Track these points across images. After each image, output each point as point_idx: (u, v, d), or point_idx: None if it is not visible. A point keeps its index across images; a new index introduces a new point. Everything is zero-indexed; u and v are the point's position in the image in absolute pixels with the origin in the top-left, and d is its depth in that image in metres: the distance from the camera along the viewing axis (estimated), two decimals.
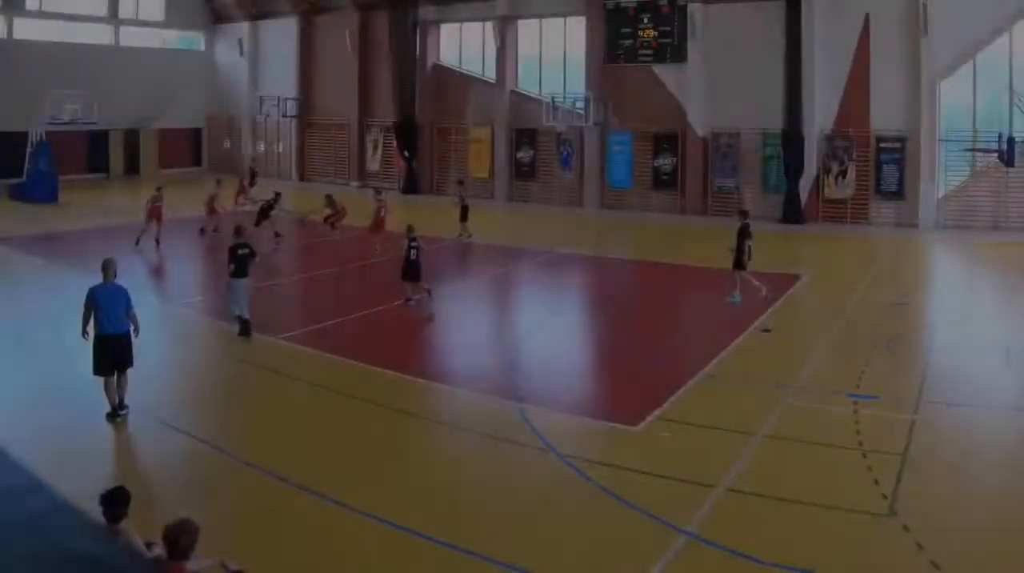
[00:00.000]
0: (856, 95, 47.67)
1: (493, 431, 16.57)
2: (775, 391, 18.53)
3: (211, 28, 72.93)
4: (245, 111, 69.53)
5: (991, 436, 16.56)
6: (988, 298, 30.10)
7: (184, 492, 13.68)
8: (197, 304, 27.39)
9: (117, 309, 16.99)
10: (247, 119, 69.57)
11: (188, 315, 26.19)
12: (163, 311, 25.87)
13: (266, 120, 67.54)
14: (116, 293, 17.16)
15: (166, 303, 26.67)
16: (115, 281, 17.28)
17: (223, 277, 23.50)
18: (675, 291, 29.96)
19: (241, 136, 70.30)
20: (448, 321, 26.24)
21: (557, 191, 56.08)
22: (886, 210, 47.66)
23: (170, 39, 71.71)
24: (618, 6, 53.20)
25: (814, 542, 12.13)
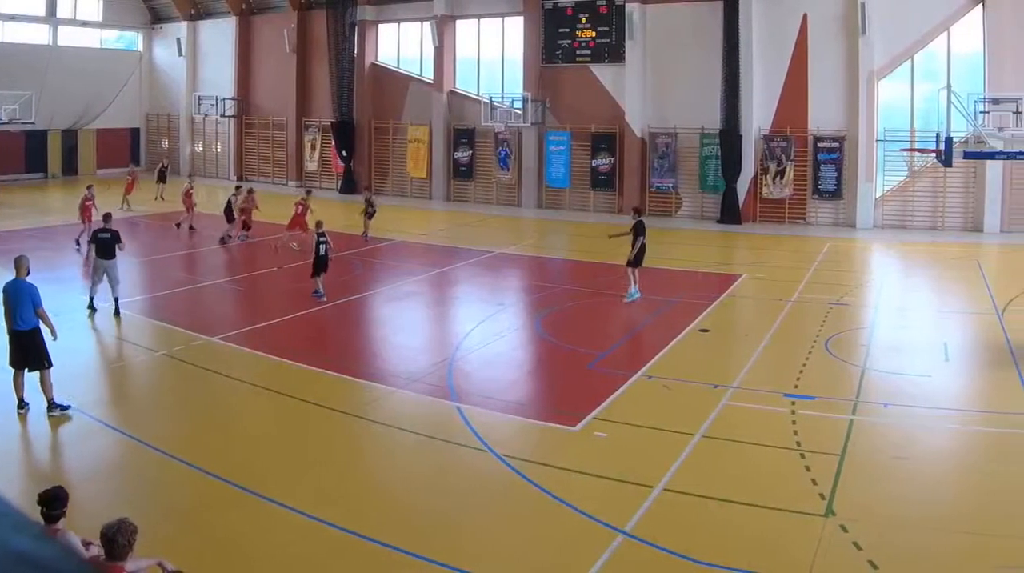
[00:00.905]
0: (794, 95, 46.10)
1: (431, 431, 16.16)
2: (713, 391, 18.10)
3: (149, 28, 70.78)
4: (183, 111, 67.25)
5: (929, 436, 16.27)
6: (926, 298, 29.29)
7: (121, 491, 13.39)
8: (133, 304, 26.06)
9: (25, 306, 16.44)
10: (185, 119, 67.34)
11: (126, 315, 24.85)
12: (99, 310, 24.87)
13: (204, 120, 65.67)
14: (23, 290, 16.61)
15: (100, 302, 25.08)
16: (26, 278, 16.84)
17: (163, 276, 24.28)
18: (613, 291, 28.29)
19: (179, 136, 68.21)
20: (386, 321, 25.83)
21: (495, 191, 54.51)
22: (824, 210, 46.18)
23: (108, 39, 69.01)
24: (556, 6, 51.43)
25: (752, 542, 11.82)
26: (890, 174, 45.27)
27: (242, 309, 27.25)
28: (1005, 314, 25.08)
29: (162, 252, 36.13)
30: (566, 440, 15.71)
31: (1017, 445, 15.43)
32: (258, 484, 13.44)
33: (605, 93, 50.56)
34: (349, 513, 12.56)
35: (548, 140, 51.82)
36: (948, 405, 17.76)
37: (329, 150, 59.62)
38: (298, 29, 60.67)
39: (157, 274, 31.63)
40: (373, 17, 58.00)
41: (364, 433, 16.38)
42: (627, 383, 18.68)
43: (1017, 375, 19.23)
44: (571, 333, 23.85)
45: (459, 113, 55.26)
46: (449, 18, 55.05)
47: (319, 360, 20.39)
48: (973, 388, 19.49)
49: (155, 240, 38.43)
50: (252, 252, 35.86)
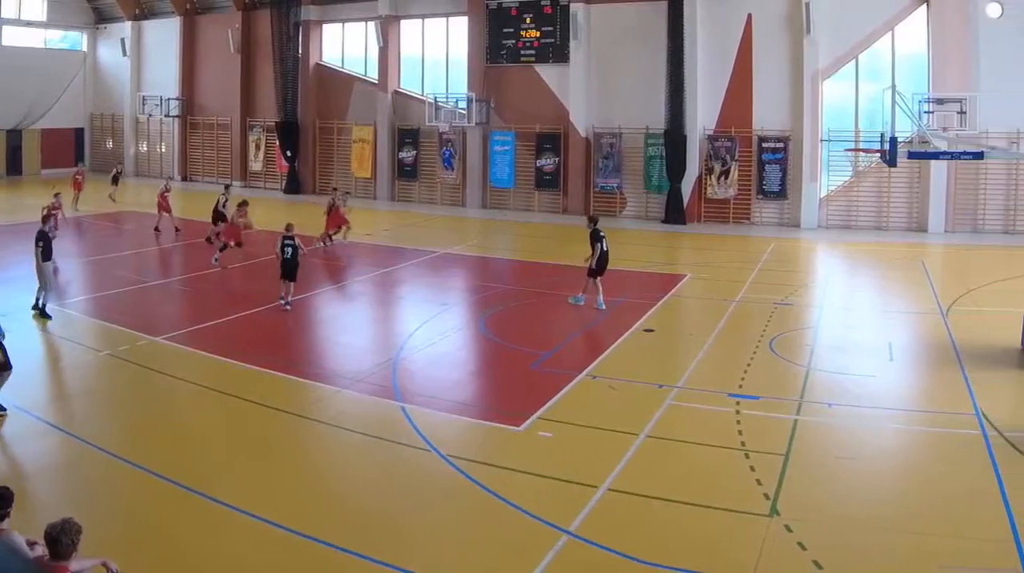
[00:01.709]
0: (739, 95, 44.39)
1: (376, 431, 15.67)
2: (658, 391, 17.63)
3: (94, 28, 67.74)
4: (128, 111, 64.67)
5: (873, 435, 15.78)
6: (870, 298, 28.32)
7: (65, 491, 12.99)
8: (78, 304, 25.33)
9: None
10: (129, 119, 64.76)
11: (71, 316, 24.09)
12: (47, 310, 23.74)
13: (148, 120, 63.13)
14: None
15: (49, 303, 23.94)
16: None
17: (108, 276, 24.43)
18: (558, 291, 27.40)
19: (124, 136, 65.67)
20: (331, 321, 25.17)
21: (439, 191, 52.64)
22: (768, 210, 44.55)
23: (52, 39, 66.41)
24: (500, 6, 49.75)
25: (696, 542, 11.53)
26: (835, 174, 43.78)
27: (187, 309, 26.07)
28: (949, 314, 24.45)
29: (107, 252, 34.55)
30: (511, 440, 15.25)
31: (961, 445, 14.97)
32: (203, 484, 13.02)
33: (550, 93, 48.75)
34: (293, 513, 12.16)
35: (493, 140, 50.20)
36: (893, 405, 17.29)
37: (274, 150, 57.57)
38: (242, 29, 58.42)
39: (102, 274, 30.10)
40: (317, 17, 55.93)
41: (309, 433, 15.81)
42: (572, 383, 18.17)
43: (961, 375, 18.75)
44: (516, 333, 23.08)
45: (403, 113, 53.48)
46: (393, 18, 53.30)
47: (264, 360, 19.63)
48: (918, 388, 19.03)
49: (101, 240, 36.69)
50: (199, 252, 33.92)
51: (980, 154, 24.70)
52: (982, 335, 21.97)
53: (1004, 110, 38.60)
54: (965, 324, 23.10)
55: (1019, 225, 39.54)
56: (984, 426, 15.58)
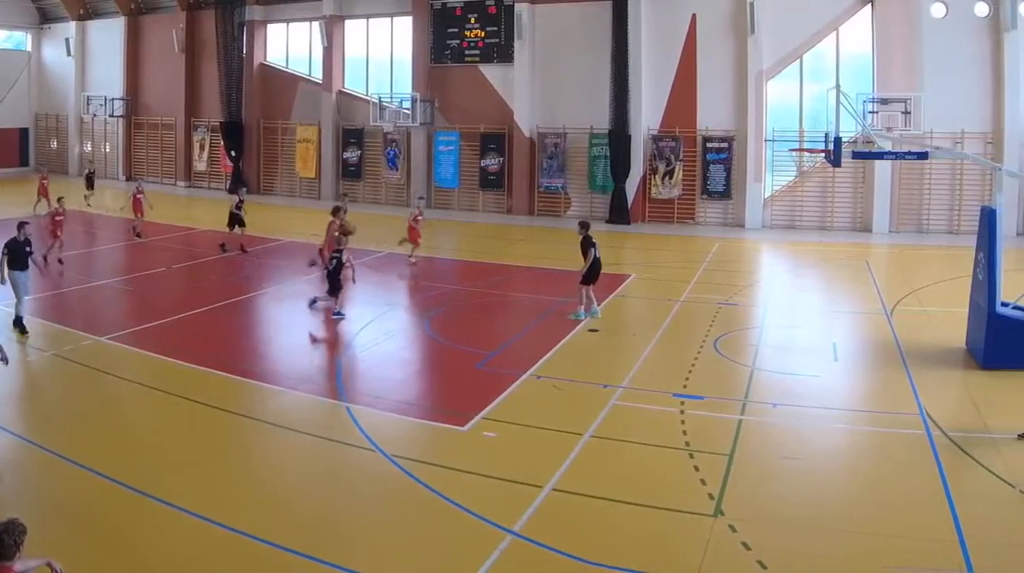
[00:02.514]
0: (683, 95, 42.46)
1: (320, 431, 15.11)
2: (602, 391, 17.07)
3: (38, 28, 64.20)
4: (72, 111, 61.29)
5: (817, 436, 15.32)
6: (815, 298, 27.37)
7: (9, 492, 12.46)
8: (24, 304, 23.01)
9: None
10: (74, 119, 61.38)
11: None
12: None
13: (93, 120, 59.81)
14: None
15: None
16: None
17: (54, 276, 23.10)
18: (502, 291, 26.90)
19: (68, 136, 62.13)
20: (275, 322, 24.16)
21: (384, 191, 50.32)
22: (713, 210, 42.64)
23: None
24: (445, 6, 47.65)
25: (641, 542, 11.13)
26: (779, 174, 42.04)
27: (132, 309, 24.80)
28: (894, 314, 23.77)
29: None
30: (455, 440, 14.76)
31: (906, 445, 14.51)
32: (147, 484, 12.48)
33: (494, 93, 46.62)
34: (238, 513, 11.68)
35: (437, 140, 48.00)
36: (837, 405, 16.83)
37: (218, 150, 54.61)
38: (187, 29, 55.69)
39: (49, 274, 28.23)
40: (262, 17, 53.31)
41: (253, 433, 15.24)
42: (516, 383, 17.59)
43: (906, 375, 18.25)
44: (460, 333, 22.38)
45: (348, 113, 51.06)
46: (338, 18, 50.99)
47: (208, 360, 18.86)
48: (862, 388, 18.56)
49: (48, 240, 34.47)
50: (144, 252, 32.56)
51: (924, 154, 23.45)
52: (926, 335, 21.36)
53: (948, 110, 37.28)
54: (909, 324, 22.45)
55: (963, 225, 37.72)
56: (928, 426, 15.12)
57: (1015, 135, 37.31)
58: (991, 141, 37.87)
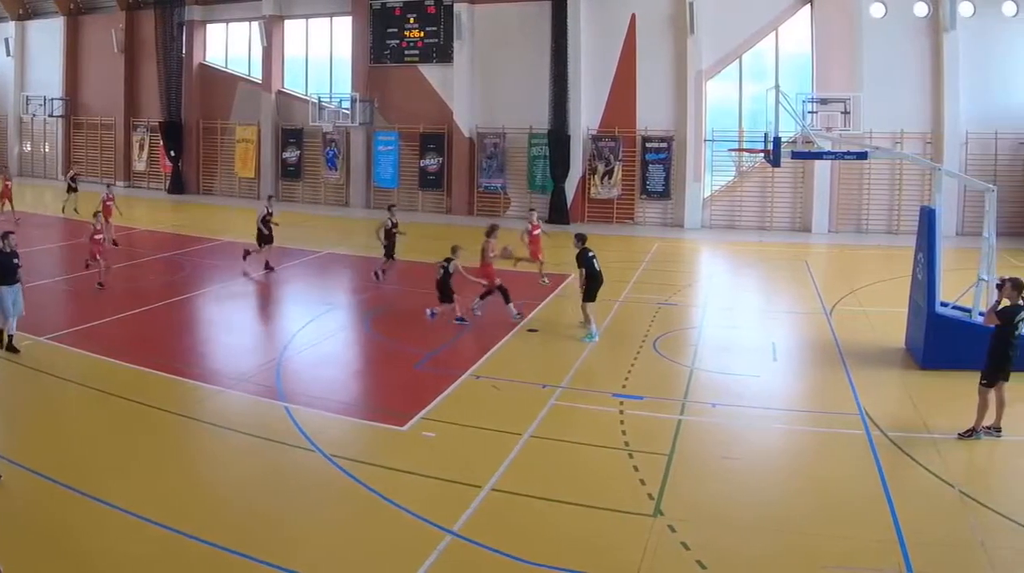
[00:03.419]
0: (622, 95, 40.18)
1: (260, 431, 14.25)
2: (542, 391, 16.29)
3: None
4: (11, 111, 57.40)
5: (757, 436, 14.66)
6: (754, 298, 26.01)
7: None
8: None
9: None
10: (13, 119, 57.47)
11: None
12: None
13: (32, 120, 56.36)
14: None
15: None
16: None
17: None
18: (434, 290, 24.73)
19: (7, 136, 58.31)
20: (214, 321, 22.73)
21: (323, 191, 47.42)
22: (652, 210, 40.34)
23: None
24: (384, 6, 44.88)
25: (580, 542, 10.48)
26: (718, 174, 39.90)
27: (71, 309, 23.39)
28: (833, 314, 22.70)
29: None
30: (394, 440, 14.07)
31: (845, 445, 13.93)
32: (87, 484, 11.81)
33: (433, 93, 43.91)
34: (178, 513, 11.05)
35: (376, 140, 45.27)
36: (777, 405, 16.05)
37: (158, 150, 51.59)
38: (126, 29, 52.26)
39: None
40: (201, 17, 50.23)
41: (192, 433, 14.41)
42: (456, 383, 16.73)
43: (845, 375, 17.44)
44: (400, 333, 21.12)
45: (287, 113, 48.09)
46: (277, 18, 47.92)
47: (148, 360, 17.77)
48: (802, 388, 17.62)
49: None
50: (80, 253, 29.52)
51: (864, 154, 22.02)
52: (866, 335, 20.45)
53: (888, 110, 35.58)
54: (849, 324, 21.49)
55: (903, 225, 36.02)
56: (868, 426, 14.50)
57: (954, 135, 35.61)
58: (930, 141, 36.22)
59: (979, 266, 17.85)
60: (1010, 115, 35.22)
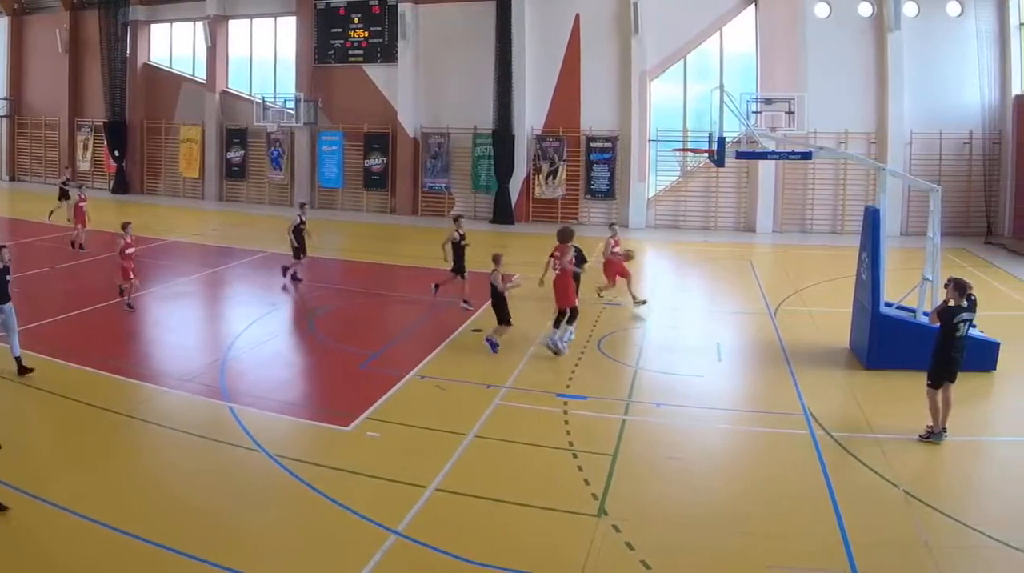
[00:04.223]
0: (567, 95, 37.56)
1: (204, 431, 13.34)
2: (486, 391, 15.52)
3: None
4: None
5: (701, 436, 13.86)
6: (699, 298, 24.77)
7: None
8: None
9: None
10: None
11: None
12: None
13: None
14: None
15: None
16: None
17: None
18: (386, 291, 24.76)
19: None
20: (159, 321, 21.27)
21: (267, 191, 44.19)
22: (596, 210, 37.69)
23: None
24: (328, 6, 41.80)
25: (525, 542, 10.10)
26: (663, 174, 37.41)
27: (16, 309, 20.55)
28: (778, 314, 21.60)
29: None
30: (339, 440, 13.37)
31: (789, 445, 13.30)
32: (32, 485, 11.02)
33: (378, 93, 40.92)
34: (121, 513, 10.40)
35: (321, 140, 42.20)
36: (721, 405, 15.42)
37: (102, 150, 48.09)
38: (71, 29, 48.57)
39: None
40: (145, 17, 46.69)
41: (137, 433, 13.60)
42: (400, 383, 16.00)
43: (789, 375, 16.67)
44: (344, 333, 20.23)
45: (231, 113, 44.79)
46: (222, 18, 44.64)
47: (92, 360, 16.81)
48: (746, 388, 16.95)
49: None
50: (29, 252, 28.25)
51: (808, 154, 20.51)
52: (810, 335, 19.50)
53: (832, 110, 33.45)
54: (793, 324, 20.49)
55: (847, 225, 33.94)
56: (812, 426, 13.92)
57: (898, 135, 33.55)
58: (875, 141, 34.18)
59: (923, 266, 16.87)
60: (954, 115, 33.32)
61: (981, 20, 32.57)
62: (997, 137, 33.07)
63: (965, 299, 13.11)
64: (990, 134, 33.04)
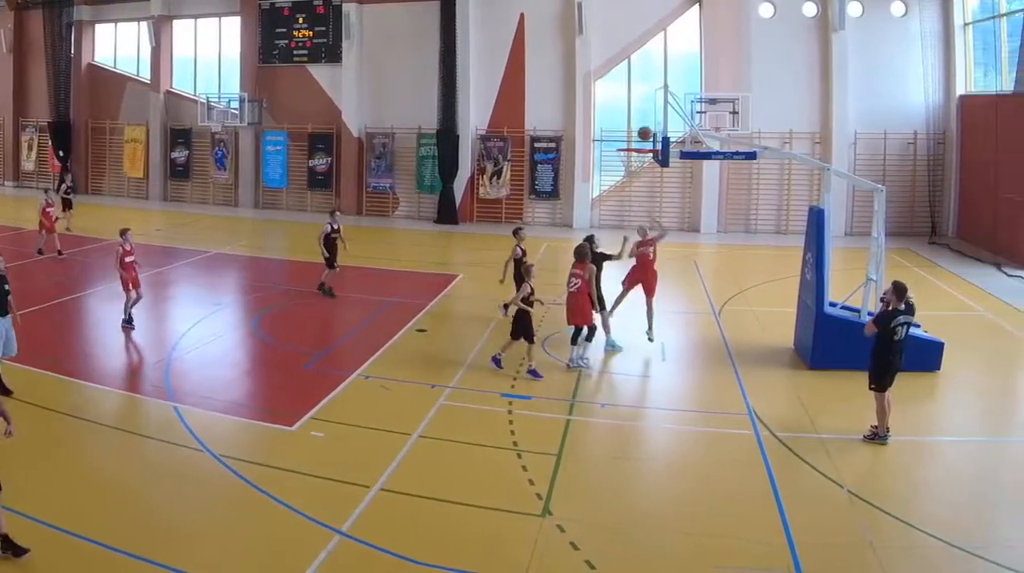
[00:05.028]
0: (511, 95, 34.85)
1: (148, 431, 12.79)
2: (430, 391, 14.50)
3: None
4: None
5: (646, 436, 13.34)
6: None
7: None
8: None
9: None
10: None
11: None
12: None
13: None
14: None
15: None
16: None
17: None
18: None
19: None
20: (102, 321, 19.85)
21: (212, 191, 40.91)
22: (541, 210, 34.99)
23: None
24: (273, 6, 38.64)
25: (469, 542, 9.57)
26: (607, 174, 34.74)
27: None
28: (722, 314, 20.51)
29: None
30: (283, 440, 12.50)
31: (734, 445, 12.39)
32: None
33: (322, 93, 37.87)
34: (65, 512, 9.86)
35: (265, 140, 39.03)
36: (666, 405, 14.64)
37: (46, 150, 44.60)
38: (15, 29, 44.90)
39: None
40: (90, 17, 43.22)
41: (81, 433, 12.59)
42: (344, 383, 14.96)
43: (734, 375, 15.77)
44: (289, 333, 19.22)
45: (176, 113, 41.43)
46: (166, 18, 41.28)
47: (36, 361, 15.44)
48: (691, 388, 15.99)
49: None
50: None
51: (753, 154, 19.38)
52: (754, 335, 18.46)
53: (777, 110, 31.10)
54: (737, 324, 19.42)
55: (792, 225, 31.61)
56: (757, 426, 13.07)
57: (843, 135, 31.28)
58: (819, 141, 31.84)
59: (868, 266, 15.86)
60: (898, 115, 31.08)
61: (925, 20, 30.47)
62: (941, 137, 30.97)
63: (904, 302, 12.23)
64: (934, 134, 30.91)
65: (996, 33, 28.76)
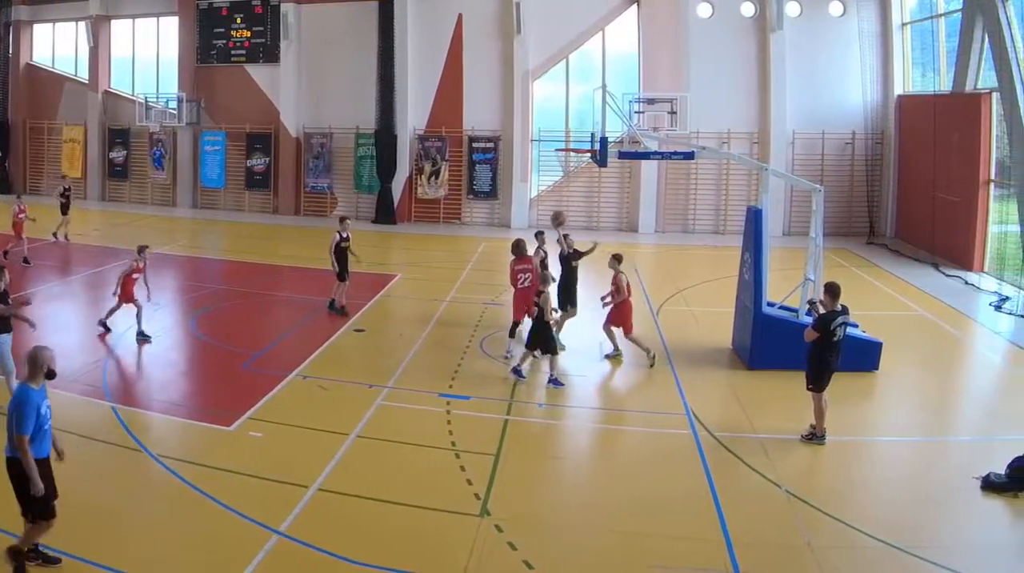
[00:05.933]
0: (449, 95, 32.01)
1: (86, 431, 11.60)
2: (368, 391, 13.44)
3: None
4: None
5: (583, 436, 12.52)
6: (581, 298, 20.03)
7: None
8: None
9: None
10: None
11: None
12: None
13: None
14: None
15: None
16: None
17: None
18: (268, 291, 21.66)
19: None
20: (40, 321, 16.66)
21: (150, 191, 37.45)
22: (479, 210, 32.20)
23: None
24: (211, 6, 35.35)
25: (407, 542, 8.91)
26: (545, 174, 32.02)
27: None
28: (660, 314, 19.12)
29: None
30: (221, 440, 11.56)
31: (673, 445, 11.59)
32: None
33: (260, 93, 34.63)
34: (2, 514, 8.75)
35: (203, 140, 35.71)
36: (604, 405, 13.88)
37: None
38: None
39: None
40: (28, 17, 39.52)
41: None
42: (282, 383, 13.85)
43: (672, 375, 14.50)
44: (227, 333, 17.81)
45: (114, 113, 37.94)
46: (104, 18, 37.74)
47: None
48: (629, 387, 14.70)
49: None
50: None
51: (691, 154, 18.13)
52: (692, 335, 17.30)
53: (715, 110, 28.65)
54: (675, 324, 18.19)
55: (729, 226, 29.16)
56: (695, 426, 12.09)
57: (781, 135, 28.81)
58: (757, 141, 29.39)
59: (806, 266, 14.90)
60: (836, 115, 28.75)
61: (863, 20, 28.17)
62: (879, 137, 28.68)
63: (839, 304, 11.42)
64: (873, 134, 28.61)
65: (934, 33, 26.65)
